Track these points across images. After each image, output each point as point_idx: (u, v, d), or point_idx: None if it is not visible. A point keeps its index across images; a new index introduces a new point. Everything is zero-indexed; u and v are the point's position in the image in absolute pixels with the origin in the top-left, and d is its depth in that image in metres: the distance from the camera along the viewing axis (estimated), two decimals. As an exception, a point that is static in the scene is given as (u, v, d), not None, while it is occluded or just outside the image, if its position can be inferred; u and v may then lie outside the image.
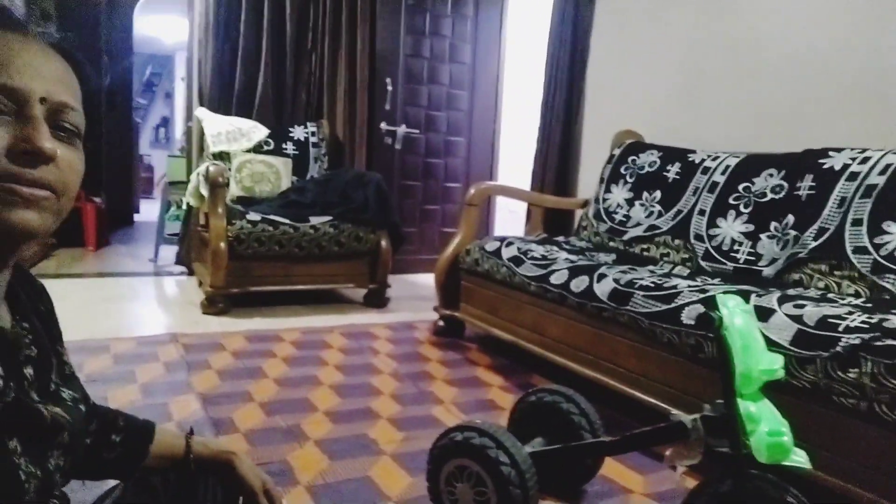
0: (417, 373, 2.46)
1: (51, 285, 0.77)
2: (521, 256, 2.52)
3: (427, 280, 4.27)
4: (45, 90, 0.57)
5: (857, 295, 1.93)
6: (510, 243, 2.66)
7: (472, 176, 4.69)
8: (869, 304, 1.66)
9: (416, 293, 3.92)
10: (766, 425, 1.13)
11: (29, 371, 0.62)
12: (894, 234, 1.95)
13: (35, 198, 0.55)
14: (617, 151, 3.06)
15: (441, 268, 2.92)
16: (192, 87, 4.04)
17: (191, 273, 3.95)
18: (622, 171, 2.97)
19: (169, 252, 4.36)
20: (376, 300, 3.50)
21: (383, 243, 3.43)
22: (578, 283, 2.20)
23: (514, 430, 1.57)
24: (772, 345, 1.49)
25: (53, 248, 0.76)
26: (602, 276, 2.14)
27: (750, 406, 1.15)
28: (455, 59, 4.54)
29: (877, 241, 1.97)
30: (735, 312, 1.20)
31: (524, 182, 3.65)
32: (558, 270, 2.32)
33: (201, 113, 3.73)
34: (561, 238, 2.98)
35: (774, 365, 1.16)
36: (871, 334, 1.37)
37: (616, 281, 2.07)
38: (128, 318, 3.06)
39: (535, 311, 2.42)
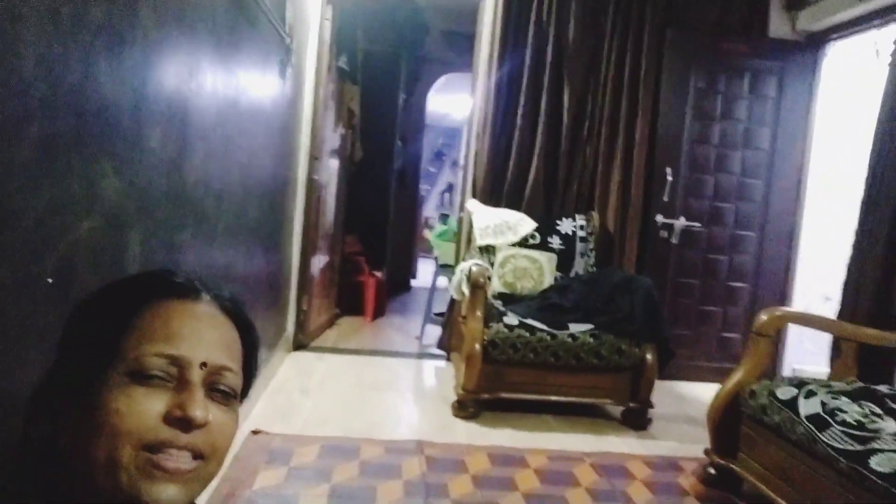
0: (678, 543, 2.05)
1: (328, 359, 0.73)
2: (827, 417, 1.99)
3: (698, 392, 3.75)
4: (205, 355, 0.62)
5: None
6: (811, 393, 2.13)
7: (763, 278, 4.05)
8: None
9: (684, 411, 3.43)
10: None
11: None
12: None
13: (178, 472, 0.58)
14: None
15: (716, 406, 2.46)
16: (466, 178, 4.14)
17: (449, 359, 3.98)
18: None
19: (434, 330, 4.49)
20: (636, 420, 3.11)
21: (648, 358, 3.05)
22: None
23: None
24: None
25: (337, 317, 0.78)
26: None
27: None
28: (750, 146, 4.01)
29: None
30: None
31: (827, 287, 2.99)
32: (884, 452, 1.76)
33: (472, 205, 3.78)
34: (883, 388, 2.31)
35: None
36: None
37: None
38: (383, 412, 3.11)
39: (847, 496, 1.86)
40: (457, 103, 10.15)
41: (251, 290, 2.76)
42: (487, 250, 3.60)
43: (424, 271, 7.42)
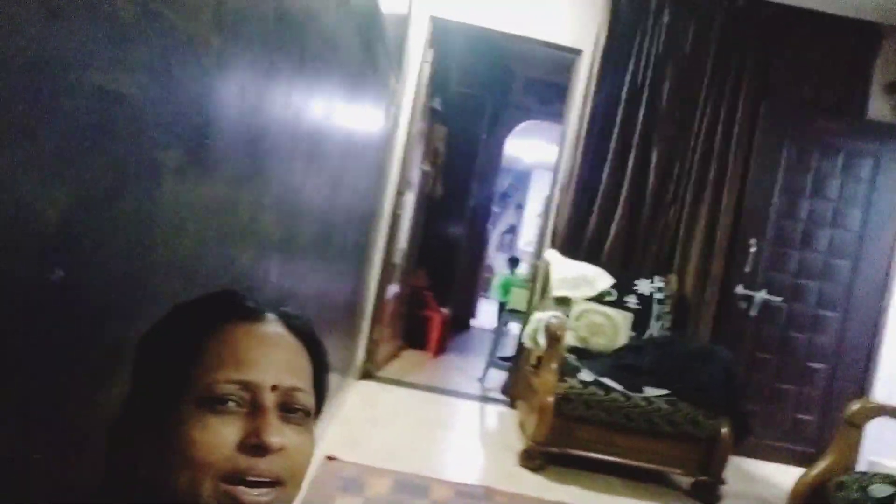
0: None
1: (394, 391, 0.73)
2: (924, 521, 1.91)
3: (768, 472, 3.64)
4: (276, 378, 0.61)
5: None
6: (906, 493, 2.05)
7: (843, 361, 3.93)
8: None
9: (754, 490, 3.32)
10: None
11: None
12: None
13: (257, 503, 0.57)
14: None
15: (798, 492, 2.38)
16: (546, 228, 4.18)
17: (513, 406, 3.97)
18: None
19: (496, 374, 4.49)
20: (706, 495, 3.03)
21: (724, 431, 2.98)
22: None
23: None
24: None
25: (401, 349, 0.76)
26: None
27: None
28: (838, 225, 3.93)
29: None
30: None
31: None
32: None
33: (551, 255, 3.81)
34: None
35: None
36: None
37: None
38: (449, 452, 3.13)
39: None
40: (528, 148, 10.30)
41: (333, 315, 2.84)
42: (562, 302, 3.61)
43: (483, 312, 7.46)
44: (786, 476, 3.20)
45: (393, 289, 4.36)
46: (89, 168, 0.67)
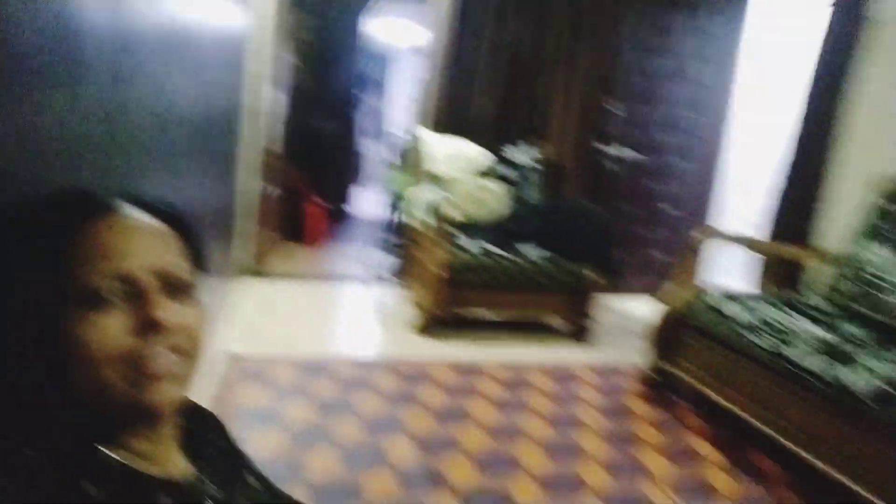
0: (626, 434, 2.34)
1: (283, 285, 0.78)
2: (755, 321, 2.28)
3: (633, 306, 4.09)
4: (149, 261, 0.61)
5: None
6: (741, 302, 2.42)
7: (689, 202, 4.37)
8: None
9: (619, 323, 3.75)
10: None
11: None
12: None
13: (161, 372, 0.59)
14: (881, 202, 2.64)
15: (658, 319, 2.74)
16: (417, 108, 4.18)
17: (404, 285, 4.13)
18: (885, 225, 2.56)
19: (386, 258, 4.61)
20: (580, 333, 3.40)
21: (597, 279, 3.31)
22: (827, 370, 1.93)
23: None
24: None
25: (282, 244, 0.76)
26: (860, 368, 1.85)
27: None
28: (684, 78, 4.23)
29: None
30: None
31: (748, 212, 3.31)
32: (800, 347, 2.06)
33: (424, 134, 3.85)
34: (800, 298, 2.65)
35: None
36: None
37: (880, 377, 1.78)
38: (347, 332, 3.28)
39: (770, 386, 2.18)
40: (394, 29, 9.94)
41: (209, 215, 2.78)
42: (441, 179, 3.71)
43: (360, 200, 7.47)
44: (646, 307, 3.61)
45: (268, 184, 4.28)
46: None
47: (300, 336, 3.06)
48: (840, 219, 2.89)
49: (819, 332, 2.12)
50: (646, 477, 2.05)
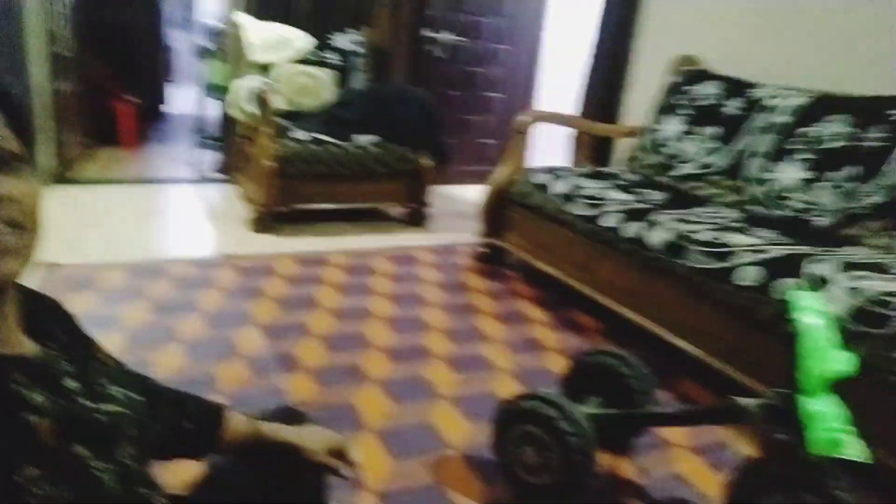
0: (464, 305, 2.54)
1: (98, 191, 0.75)
2: (572, 193, 2.52)
3: (462, 192, 4.29)
4: None
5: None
6: (560, 178, 2.64)
7: (514, 87, 4.56)
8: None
9: (454, 209, 3.94)
10: (825, 421, 1.18)
11: (72, 384, 0.65)
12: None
13: (2, 245, 0.56)
14: (674, 79, 2.94)
15: (486, 197, 2.91)
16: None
17: (232, 181, 3.98)
18: (678, 101, 2.88)
19: (208, 155, 4.37)
20: (416, 219, 3.53)
21: (426, 163, 3.41)
22: (630, 230, 2.21)
23: (569, 385, 1.66)
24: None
25: (93, 147, 0.71)
26: (655, 225, 2.14)
27: (812, 403, 1.19)
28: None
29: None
30: (809, 311, 1.22)
31: (562, 95, 3.55)
32: (610, 213, 2.32)
33: (243, 20, 3.60)
34: (610, 171, 2.94)
35: (845, 364, 1.20)
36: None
37: (670, 232, 2.07)
38: (178, 234, 3.14)
39: (585, 250, 2.45)
40: None
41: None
42: (263, 67, 3.53)
43: (174, 96, 6.89)
44: (476, 193, 3.81)
45: (68, 82, 3.81)
46: None
47: (127, 241, 2.87)
48: (642, 97, 3.19)
49: (624, 197, 2.40)
50: (483, 340, 2.26)
